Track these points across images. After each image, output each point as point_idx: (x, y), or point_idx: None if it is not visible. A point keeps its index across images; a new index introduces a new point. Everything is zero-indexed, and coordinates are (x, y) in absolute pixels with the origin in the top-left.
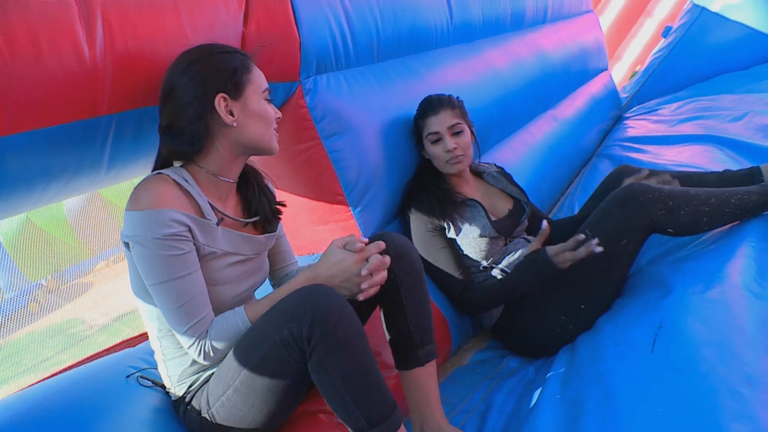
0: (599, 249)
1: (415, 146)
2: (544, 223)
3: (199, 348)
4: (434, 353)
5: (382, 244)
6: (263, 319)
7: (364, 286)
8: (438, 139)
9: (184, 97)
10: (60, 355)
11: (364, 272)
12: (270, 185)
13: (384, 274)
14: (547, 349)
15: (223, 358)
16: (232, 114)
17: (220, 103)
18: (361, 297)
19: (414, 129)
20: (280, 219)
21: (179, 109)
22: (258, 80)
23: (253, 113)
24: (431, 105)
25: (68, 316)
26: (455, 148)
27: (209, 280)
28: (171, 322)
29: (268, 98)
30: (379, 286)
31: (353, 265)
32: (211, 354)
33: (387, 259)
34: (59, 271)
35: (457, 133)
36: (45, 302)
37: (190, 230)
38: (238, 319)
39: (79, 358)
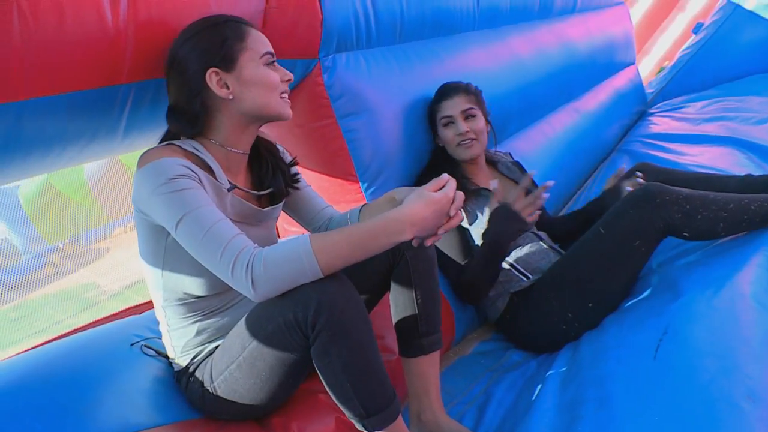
0: (548, 182)
1: (431, 133)
2: (495, 183)
3: (243, 272)
4: (439, 343)
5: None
6: (270, 300)
7: (441, 231)
8: (450, 123)
9: (181, 74)
10: (72, 318)
11: (452, 211)
12: (286, 155)
13: (460, 215)
14: (550, 346)
15: (280, 290)
16: (227, 87)
17: (211, 78)
18: (434, 238)
19: (429, 116)
20: (297, 188)
21: (179, 88)
22: (255, 45)
23: (250, 81)
24: (446, 90)
25: (83, 280)
26: (467, 131)
27: None
28: (204, 259)
29: (271, 62)
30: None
31: (448, 204)
32: (262, 271)
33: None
34: (77, 235)
35: (470, 118)
36: (61, 265)
37: (200, 180)
38: (299, 242)
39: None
